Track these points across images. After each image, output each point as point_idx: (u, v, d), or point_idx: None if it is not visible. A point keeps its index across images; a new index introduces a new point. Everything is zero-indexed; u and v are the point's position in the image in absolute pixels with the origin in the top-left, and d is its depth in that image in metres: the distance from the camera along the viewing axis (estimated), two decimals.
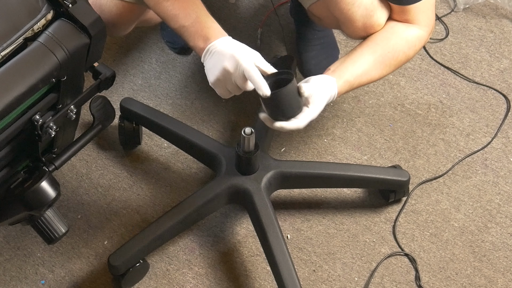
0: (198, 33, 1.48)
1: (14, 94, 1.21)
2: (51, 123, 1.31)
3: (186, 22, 1.48)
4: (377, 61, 1.58)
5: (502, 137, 1.92)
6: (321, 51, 2.01)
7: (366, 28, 1.57)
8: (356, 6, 1.54)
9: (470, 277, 1.71)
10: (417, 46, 1.61)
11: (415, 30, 1.59)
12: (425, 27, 1.59)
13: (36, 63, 1.23)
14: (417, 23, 1.58)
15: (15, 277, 1.71)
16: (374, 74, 1.59)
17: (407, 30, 1.59)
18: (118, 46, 2.08)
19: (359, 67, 1.56)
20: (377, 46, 1.58)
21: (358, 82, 1.57)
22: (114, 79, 1.43)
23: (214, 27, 1.48)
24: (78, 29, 1.27)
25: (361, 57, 1.57)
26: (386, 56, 1.58)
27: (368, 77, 1.58)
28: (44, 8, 1.26)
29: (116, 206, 1.82)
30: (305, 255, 1.74)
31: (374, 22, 1.56)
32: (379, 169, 1.83)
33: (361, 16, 1.55)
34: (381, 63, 1.59)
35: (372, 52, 1.58)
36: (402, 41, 1.59)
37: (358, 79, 1.56)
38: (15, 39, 1.23)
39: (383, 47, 1.58)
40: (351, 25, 1.58)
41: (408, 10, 1.56)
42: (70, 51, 1.26)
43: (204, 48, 1.48)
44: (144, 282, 1.70)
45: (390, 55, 1.58)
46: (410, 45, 1.59)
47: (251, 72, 1.39)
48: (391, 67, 1.60)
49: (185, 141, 1.78)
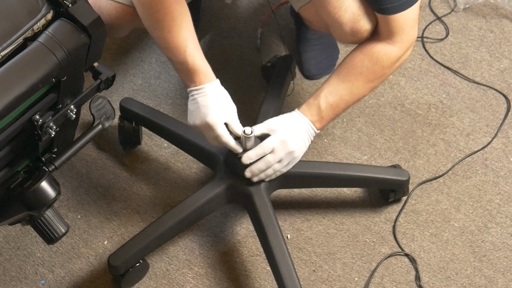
0: (185, 73, 1.55)
1: (14, 94, 1.21)
2: (51, 123, 1.31)
3: (175, 58, 1.54)
4: (341, 81, 1.61)
5: (502, 137, 1.92)
6: (321, 51, 2.01)
7: (353, 32, 1.58)
8: (343, 10, 1.55)
9: (470, 277, 1.71)
10: (384, 61, 1.60)
11: (385, 46, 1.59)
12: (398, 43, 1.59)
13: (36, 63, 1.23)
14: (392, 38, 1.58)
15: (15, 277, 1.71)
16: (343, 94, 1.62)
17: (375, 46, 1.59)
18: (118, 46, 2.08)
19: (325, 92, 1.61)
20: (343, 67, 1.62)
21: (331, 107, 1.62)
22: (114, 79, 1.43)
23: (200, 72, 1.54)
24: (78, 29, 1.27)
25: (327, 83, 1.63)
26: (349, 74, 1.61)
27: (337, 98, 1.62)
28: (44, 8, 1.26)
29: (116, 206, 1.82)
30: (305, 255, 1.74)
31: (361, 27, 1.57)
32: (379, 169, 1.83)
33: (348, 20, 1.56)
34: (346, 82, 1.61)
35: (337, 74, 1.62)
36: (366, 57, 1.60)
37: (328, 102, 1.61)
38: (15, 39, 1.23)
39: (347, 66, 1.62)
40: (339, 29, 1.59)
41: (388, 21, 1.56)
42: (70, 51, 1.26)
43: (188, 87, 1.56)
44: (144, 282, 1.70)
45: (354, 73, 1.60)
46: (374, 60, 1.59)
47: (223, 138, 1.55)
48: (358, 83, 1.62)
49: (185, 141, 1.78)
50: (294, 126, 1.61)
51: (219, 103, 1.55)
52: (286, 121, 1.61)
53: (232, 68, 2.04)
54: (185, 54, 1.52)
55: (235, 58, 2.06)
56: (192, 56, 1.52)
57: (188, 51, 1.52)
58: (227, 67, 2.04)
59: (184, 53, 1.52)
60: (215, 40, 2.10)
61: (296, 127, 1.61)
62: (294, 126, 1.61)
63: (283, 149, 1.59)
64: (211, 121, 1.54)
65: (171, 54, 1.54)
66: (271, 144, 1.59)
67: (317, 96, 1.62)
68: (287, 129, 1.60)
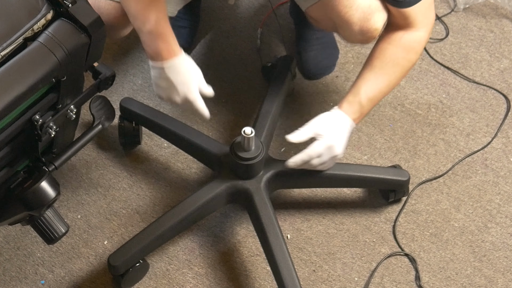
0: (153, 43, 1.53)
1: (14, 94, 1.21)
2: (51, 123, 1.31)
3: (143, 27, 1.52)
4: (378, 74, 1.62)
5: (502, 137, 1.92)
6: (321, 51, 2.01)
7: (363, 32, 1.58)
8: (353, 9, 1.54)
9: (470, 277, 1.71)
10: (417, 48, 1.62)
11: (412, 34, 1.60)
12: (423, 27, 1.60)
13: (36, 63, 1.23)
14: (415, 25, 1.60)
15: (15, 277, 1.71)
16: (382, 87, 1.63)
17: (403, 36, 1.61)
18: (118, 46, 2.08)
19: (364, 88, 1.62)
20: (375, 61, 1.62)
21: (371, 101, 1.63)
22: (114, 79, 1.43)
23: (166, 45, 1.53)
24: (78, 29, 1.27)
25: (362, 79, 1.62)
26: (385, 67, 1.61)
27: (376, 92, 1.63)
28: (44, 8, 1.26)
29: (116, 206, 1.82)
30: (305, 255, 1.74)
31: (371, 26, 1.57)
32: (379, 169, 1.83)
33: (358, 19, 1.56)
34: (383, 75, 1.62)
35: (371, 68, 1.62)
36: (398, 48, 1.61)
37: (368, 98, 1.62)
38: (15, 39, 1.23)
39: (381, 60, 1.61)
40: (348, 28, 1.58)
41: (407, 13, 1.56)
42: (70, 51, 1.26)
43: (152, 59, 1.56)
44: (144, 282, 1.70)
45: (390, 65, 1.61)
46: (408, 49, 1.61)
47: (198, 106, 1.58)
48: (396, 74, 1.63)
49: (185, 141, 1.78)
50: (339, 129, 1.61)
51: (192, 76, 1.56)
52: (332, 124, 1.61)
53: (232, 68, 2.04)
54: (156, 16, 1.50)
55: (235, 58, 2.06)
56: (163, 19, 1.51)
57: (160, 12, 1.50)
58: (227, 67, 2.04)
59: (156, 15, 1.50)
60: (215, 40, 2.09)
61: (341, 129, 1.61)
62: (339, 129, 1.61)
63: (328, 154, 1.61)
64: (192, 97, 1.57)
65: (140, 21, 1.51)
66: (319, 150, 1.60)
67: (357, 93, 1.61)
68: (333, 133, 1.60)
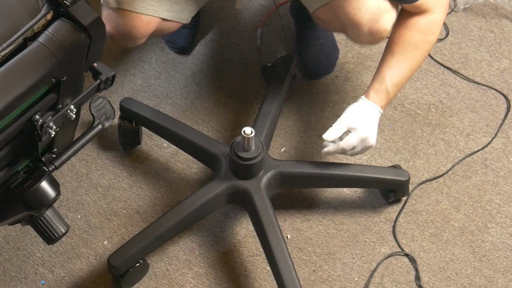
0: None
1: (14, 94, 1.21)
2: (51, 123, 1.31)
3: None
4: (400, 60, 1.63)
5: (502, 137, 1.92)
6: (321, 51, 2.01)
7: (372, 33, 1.58)
8: (363, 11, 1.55)
9: (470, 277, 1.71)
10: (434, 29, 1.63)
11: (427, 17, 1.62)
12: (437, 9, 1.62)
13: (36, 63, 1.23)
14: (429, 10, 1.61)
15: (15, 277, 1.71)
16: (406, 71, 1.64)
17: (419, 20, 1.62)
18: (118, 46, 2.08)
19: (388, 75, 1.63)
20: (395, 47, 1.63)
21: (396, 86, 1.64)
22: (114, 79, 1.43)
23: None
24: (78, 29, 1.27)
25: (385, 66, 1.63)
26: (406, 51, 1.62)
27: (400, 76, 1.64)
28: (44, 8, 1.26)
29: (116, 206, 1.82)
30: (305, 255, 1.74)
31: (380, 27, 1.57)
32: (379, 169, 1.83)
33: (368, 21, 1.56)
34: (405, 60, 1.63)
35: (392, 55, 1.63)
36: (415, 32, 1.62)
37: (393, 84, 1.63)
38: (15, 39, 1.23)
39: (400, 45, 1.62)
40: (357, 30, 1.59)
41: (419, 4, 1.58)
42: (70, 51, 1.26)
43: None
44: (144, 282, 1.70)
45: (410, 49, 1.62)
46: (425, 32, 1.62)
47: None
48: (417, 57, 1.64)
49: (185, 141, 1.78)
50: (371, 119, 1.63)
51: None
52: (363, 116, 1.63)
53: (232, 68, 2.04)
54: None
55: (235, 58, 2.06)
56: None
57: None
58: (227, 67, 2.04)
59: None
60: (215, 40, 2.10)
61: (372, 120, 1.63)
62: (371, 119, 1.63)
63: (362, 145, 1.63)
64: None
65: None
66: (353, 143, 1.62)
67: (382, 81, 1.63)
68: (366, 125, 1.62)
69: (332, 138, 1.62)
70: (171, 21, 1.69)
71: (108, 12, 1.63)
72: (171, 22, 1.69)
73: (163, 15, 1.66)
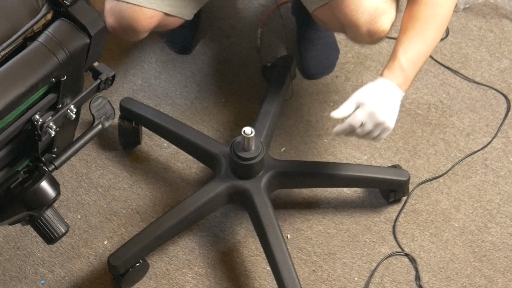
0: None
1: (14, 94, 1.21)
2: (51, 123, 1.31)
3: None
4: (412, 35, 1.56)
5: (502, 137, 1.92)
6: (322, 51, 2.01)
7: (370, 34, 1.58)
8: (360, 12, 1.55)
9: (470, 277, 1.71)
10: (441, 1, 1.57)
11: None
12: None
13: (36, 63, 1.23)
14: None
15: (15, 277, 1.71)
16: (420, 46, 1.56)
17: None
18: (118, 46, 2.08)
19: (401, 51, 1.55)
20: (406, 24, 1.56)
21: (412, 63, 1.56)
22: (114, 79, 1.43)
23: None
24: (78, 29, 1.27)
25: (398, 44, 1.56)
26: (415, 26, 1.55)
27: (414, 52, 1.56)
28: (44, 8, 1.26)
29: (116, 206, 1.82)
30: (305, 255, 1.74)
31: (379, 27, 1.57)
32: (379, 169, 1.83)
33: (365, 21, 1.56)
34: (417, 34, 1.56)
35: (404, 32, 1.56)
36: (424, 6, 1.55)
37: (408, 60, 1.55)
38: (15, 39, 1.23)
39: (411, 21, 1.56)
40: (356, 30, 1.59)
41: None
42: (70, 51, 1.26)
43: None
44: (144, 282, 1.70)
45: (420, 23, 1.55)
46: (434, 5, 1.56)
47: None
48: (430, 31, 1.57)
49: (185, 141, 1.78)
50: (382, 94, 1.53)
51: None
52: (373, 91, 1.53)
53: (232, 68, 2.04)
54: None
55: (235, 58, 2.06)
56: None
57: None
58: (227, 67, 2.04)
59: None
60: (215, 40, 2.10)
61: (383, 95, 1.53)
62: (382, 94, 1.53)
63: (371, 121, 1.52)
64: None
65: None
66: (360, 117, 1.52)
67: (395, 57, 1.55)
68: (374, 99, 1.52)
69: (340, 116, 1.51)
70: (174, 16, 1.70)
71: (112, 5, 1.64)
72: (174, 17, 1.70)
73: (166, 9, 1.66)
